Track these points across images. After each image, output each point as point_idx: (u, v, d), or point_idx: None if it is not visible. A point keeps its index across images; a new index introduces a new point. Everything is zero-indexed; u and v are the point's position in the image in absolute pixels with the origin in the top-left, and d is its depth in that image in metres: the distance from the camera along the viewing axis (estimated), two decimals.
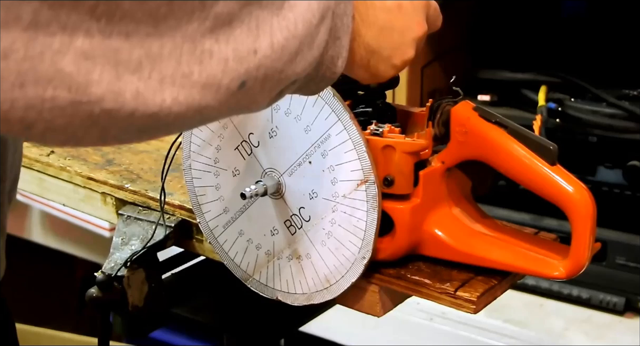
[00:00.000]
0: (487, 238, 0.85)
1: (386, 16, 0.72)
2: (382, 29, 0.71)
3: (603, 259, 1.47)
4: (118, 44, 0.50)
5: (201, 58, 0.53)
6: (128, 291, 0.90)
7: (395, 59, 0.74)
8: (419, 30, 0.75)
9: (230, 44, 0.54)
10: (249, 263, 0.89)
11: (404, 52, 0.74)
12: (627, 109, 1.47)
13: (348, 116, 0.80)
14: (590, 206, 0.78)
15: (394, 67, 0.74)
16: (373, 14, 0.71)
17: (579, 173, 0.82)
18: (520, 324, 1.48)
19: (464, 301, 0.81)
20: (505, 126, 0.80)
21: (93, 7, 0.49)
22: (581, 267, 0.79)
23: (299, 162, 0.84)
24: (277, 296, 0.89)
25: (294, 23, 0.57)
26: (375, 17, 0.71)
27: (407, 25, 0.74)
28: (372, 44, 0.71)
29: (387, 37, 0.72)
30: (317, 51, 0.60)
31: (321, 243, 0.85)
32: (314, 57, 0.60)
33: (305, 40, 0.58)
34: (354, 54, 0.70)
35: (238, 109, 0.60)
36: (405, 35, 0.74)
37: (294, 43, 0.57)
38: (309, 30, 0.58)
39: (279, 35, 0.56)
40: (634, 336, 1.42)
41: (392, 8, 0.73)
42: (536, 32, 1.72)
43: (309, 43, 0.59)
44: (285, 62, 0.58)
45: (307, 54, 0.59)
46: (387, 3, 0.72)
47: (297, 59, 0.59)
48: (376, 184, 0.80)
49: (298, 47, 0.58)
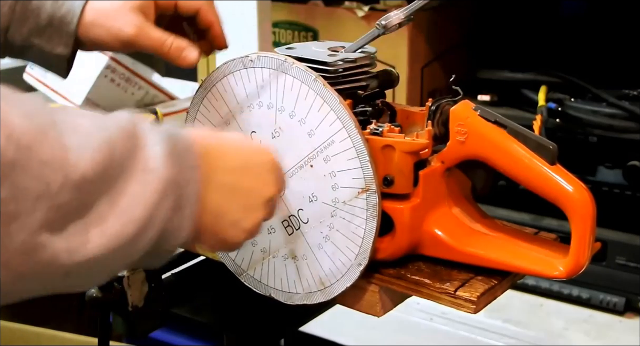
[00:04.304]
0: (487, 237, 0.85)
1: (232, 178, 0.69)
2: (228, 192, 0.69)
3: (603, 259, 1.47)
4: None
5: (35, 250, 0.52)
6: (128, 291, 0.90)
7: (244, 222, 0.70)
8: (269, 191, 0.72)
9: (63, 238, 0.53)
10: (243, 258, 0.90)
11: (253, 215, 0.71)
12: (627, 109, 1.47)
13: (353, 124, 0.80)
14: (590, 206, 0.78)
15: (245, 231, 0.71)
16: (218, 178, 0.68)
17: (579, 173, 0.82)
18: (520, 324, 1.48)
19: (464, 301, 0.81)
20: (505, 126, 0.80)
21: None
22: (581, 267, 0.79)
23: (301, 165, 0.84)
24: (271, 293, 0.89)
25: (128, 207, 0.56)
26: (221, 181, 0.68)
27: (254, 186, 0.71)
28: (217, 209, 0.68)
29: (234, 200, 0.69)
30: (160, 226, 0.59)
31: (318, 246, 0.85)
32: (158, 233, 0.59)
33: (145, 221, 0.58)
34: (201, 221, 0.65)
35: None
36: (253, 197, 0.71)
37: (132, 227, 0.57)
38: (147, 211, 0.58)
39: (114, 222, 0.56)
40: (634, 336, 1.42)
41: (237, 170, 0.70)
42: (536, 32, 1.73)
43: (149, 223, 0.58)
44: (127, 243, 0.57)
45: (150, 233, 0.58)
46: (232, 165, 0.70)
47: (138, 241, 0.58)
48: (377, 194, 0.80)
49: (137, 230, 0.57)
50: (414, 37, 1.76)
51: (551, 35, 1.71)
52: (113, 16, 0.89)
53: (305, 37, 1.88)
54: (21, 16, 0.90)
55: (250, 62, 0.85)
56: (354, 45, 0.88)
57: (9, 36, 0.92)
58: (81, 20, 0.89)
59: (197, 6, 0.92)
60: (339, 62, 0.85)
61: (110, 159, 0.55)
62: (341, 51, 0.88)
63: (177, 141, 0.62)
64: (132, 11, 0.89)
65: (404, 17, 0.86)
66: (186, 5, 0.92)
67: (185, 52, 0.89)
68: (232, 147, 0.72)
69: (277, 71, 0.83)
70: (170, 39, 0.89)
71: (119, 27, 0.89)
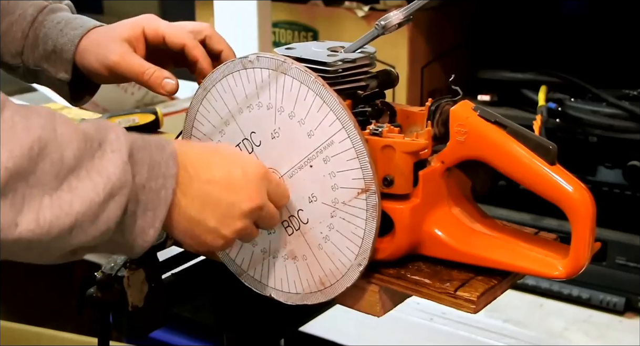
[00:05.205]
0: (487, 237, 0.85)
1: (212, 189, 0.76)
2: (205, 201, 0.76)
3: (603, 259, 1.48)
4: None
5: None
6: (128, 291, 0.90)
7: (223, 229, 0.77)
8: (249, 204, 0.78)
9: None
10: (243, 258, 0.90)
11: (231, 224, 0.78)
12: (627, 109, 1.47)
13: (353, 125, 0.80)
14: (590, 206, 0.78)
15: (223, 237, 0.78)
16: (197, 186, 0.75)
17: (579, 173, 0.82)
18: (520, 324, 1.48)
19: (464, 301, 0.81)
20: (504, 126, 0.80)
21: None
22: (581, 267, 0.79)
23: (300, 166, 0.84)
24: (271, 294, 0.89)
25: (69, 203, 0.65)
26: (200, 190, 0.75)
27: (234, 199, 0.77)
28: (194, 215, 0.76)
29: (212, 209, 0.76)
30: (104, 225, 0.68)
31: (318, 247, 0.85)
32: (101, 230, 0.68)
33: (85, 217, 0.66)
34: (176, 224, 0.75)
35: None
36: (234, 208, 0.77)
37: (68, 220, 0.65)
38: (90, 208, 0.66)
39: (47, 212, 0.64)
40: (634, 336, 1.42)
41: (220, 181, 0.77)
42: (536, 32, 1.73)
43: (91, 219, 0.67)
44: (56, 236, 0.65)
45: (90, 228, 0.67)
46: (215, 176, 0.77)
47: (74, 233, 0.66)
48: (377, 194, 0.80)
49: (73, 223, 0.66)
50: (414, 37, 1.76)
51: (552, 35, 1.71)
52: (103, 44, 0.98)
53: (305, 37, 1.88)
54: (33, 42, 1.01)
55: (250, 63, 0.85)
56: (353, 46, 0.88)
57: (24, 60, 1.02)
58: (77, 48, 0.99)
59: (182, 42, 0.98)
60: (338, 62, 0.85)
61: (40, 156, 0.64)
62: (341, 51, 0.88)
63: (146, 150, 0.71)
64: (120, 41, 0.97)
65: (404, 17, 0.86)
66: (172, 40, 0.99)
67: (165, 82, 0.96)
68: (218, 159, 0.78)
69: (277, 71, 0.83)
70: (152, 69, 0.96)
71: (105, 54, 0.97)
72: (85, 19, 1.02)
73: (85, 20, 1.01)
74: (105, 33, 0.99)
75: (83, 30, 0.99)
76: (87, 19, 1.02)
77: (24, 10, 1.01)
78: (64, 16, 1.01)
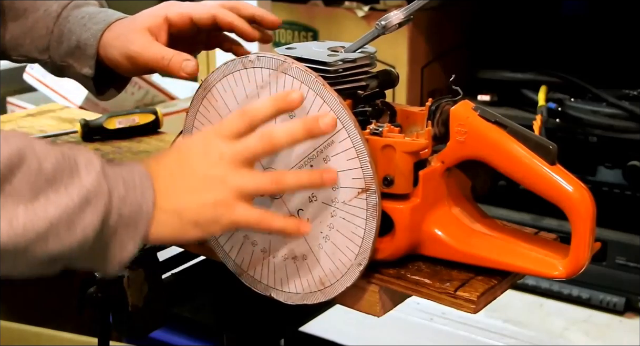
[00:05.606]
0: (487, 237, 0.85)
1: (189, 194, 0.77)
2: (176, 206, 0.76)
3: (603, 259, 1.48)
4: None
5: None
6: (128, 291, 0.90)
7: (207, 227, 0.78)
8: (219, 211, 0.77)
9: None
10: (243, 258, 0.90)
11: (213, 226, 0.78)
12: (627, 109, 1.47)
13: (353, 124, 0.80)
14: (590, 206, 0.78)
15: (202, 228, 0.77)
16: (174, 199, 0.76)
17: (579, 173, 0.82)
18: (520, 324, 1.48)
19: (464, 301, 0.81)
20: (505, 126, 0.80)
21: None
22: (581, 267, 0.79)
23: (300, 165, 0.84)
24: (271, 293, 0.89)
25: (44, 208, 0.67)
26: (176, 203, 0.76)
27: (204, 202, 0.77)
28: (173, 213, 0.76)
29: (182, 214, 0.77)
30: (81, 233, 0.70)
31: (318, 246, 0.85)
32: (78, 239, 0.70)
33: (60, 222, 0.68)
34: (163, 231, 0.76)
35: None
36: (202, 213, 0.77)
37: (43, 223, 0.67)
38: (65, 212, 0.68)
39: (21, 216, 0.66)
40: (634, 336, 1.42)
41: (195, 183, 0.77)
42: (536, 32, 1.73)
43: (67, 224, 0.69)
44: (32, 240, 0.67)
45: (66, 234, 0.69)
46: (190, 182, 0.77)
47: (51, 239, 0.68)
48: (377, 194, 0.80)
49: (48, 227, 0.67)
50: (414, 37, 1.76)
51: (552, 35, 1.71)
52: (124, 36, 0.97)
53: (305, 37, 1.88)
54: (57, 38, 1.01)
55: (250, 63, 0.85)
56: (353, 46, 0.88)
57: (51, 55, 1.02)
58: (100, 43, 0.98)
59: (212, 14, 0.97)
60: (338, 62, 0.85)
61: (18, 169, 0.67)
62: (341, 51, 0.88)
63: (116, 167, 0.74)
64: (141, 31, 0.96)
65: (404, 17, 0.86)
66: (200, 16, 0.97)
67: (184, 64, 0.93)
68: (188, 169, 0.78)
69: (277, 71, 0.83)
70: (170, 53, 0.94)
71: (126, 45, 0.96)
72: (110, 12, 1.01)
73: (109, 14, 1.00)
74: (126, 25, 0.98)
75: (105, 24, 0.98)
76: (112, 12, 1.01)
77: (48, 6, 1.01)
78: (89, 11, 1.01)
